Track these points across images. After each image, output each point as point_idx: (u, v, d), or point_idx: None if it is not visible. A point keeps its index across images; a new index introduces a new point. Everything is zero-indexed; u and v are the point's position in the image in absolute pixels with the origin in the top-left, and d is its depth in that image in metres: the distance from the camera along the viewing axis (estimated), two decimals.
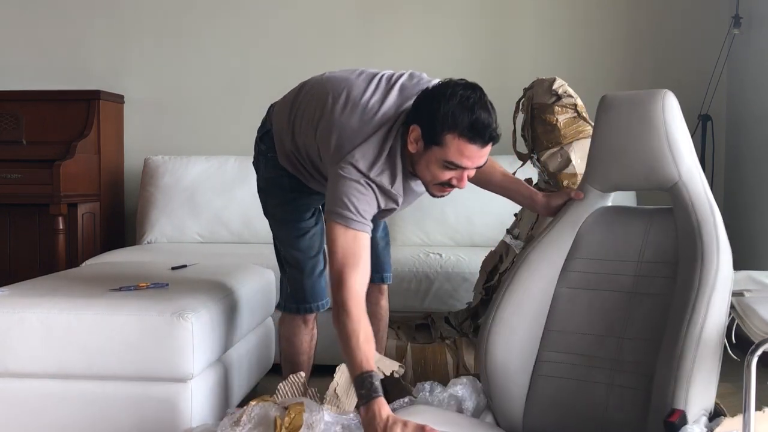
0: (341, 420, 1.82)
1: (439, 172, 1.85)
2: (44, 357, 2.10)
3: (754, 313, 1.70)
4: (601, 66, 4.04)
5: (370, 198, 1.87)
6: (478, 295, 2.67)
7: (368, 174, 1.86)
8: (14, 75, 4.18)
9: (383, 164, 1.88)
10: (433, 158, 1.83)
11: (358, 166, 1.85)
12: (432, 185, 1.92)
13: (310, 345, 2.29)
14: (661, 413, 1.48)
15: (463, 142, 1.78)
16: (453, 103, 1.78)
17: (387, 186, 1.89)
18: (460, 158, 1.80)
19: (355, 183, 1.85)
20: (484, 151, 1.82)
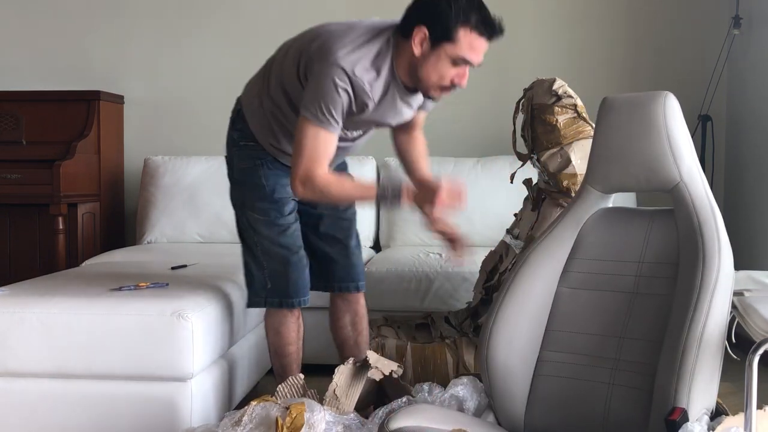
0: (342, 420, 1.83)
1: (447, 70, 1.94)
2: (44, 357, 2.10)
3: (756, 312, 1.70)
4: (601, 66, 4.05)
5: (346, 102, 1.93)
6: (478, 294, 2.67)
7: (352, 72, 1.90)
8: (14, 75, 4.18)
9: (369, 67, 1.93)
10: (443, 55, 1.91)
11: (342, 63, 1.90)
12: (435, 87, 1.99)
13: (298, 335, 2.28)
14: (663, 412, 1.48)
15: (475, 36, 1.90)
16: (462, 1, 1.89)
17: (365, 86, 1.93)
18: (470, 52, 1.92)
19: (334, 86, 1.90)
20: (486, 48, 1.96)
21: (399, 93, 2.04)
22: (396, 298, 3.16)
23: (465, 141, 4.07)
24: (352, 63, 1.91)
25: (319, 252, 2.33)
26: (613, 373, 1.64)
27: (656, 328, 1.61)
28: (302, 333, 2.31)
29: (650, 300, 1.65)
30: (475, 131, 4.09)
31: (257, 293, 2.24)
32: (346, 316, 2.36)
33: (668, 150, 1.67)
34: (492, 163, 3.79)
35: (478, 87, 4.08)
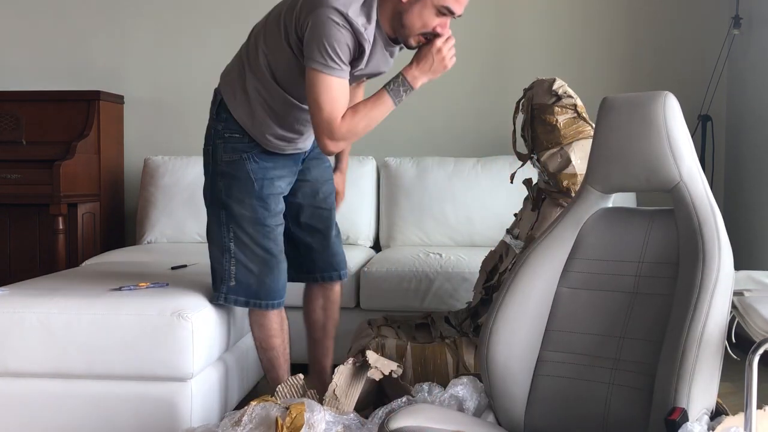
0: (342, 420, 1.83)
1: (431, 19, 2.04)
2: (44, 357, 2.10)
3: (756, 312, 1.70)
4: (601, 66, 4.05)
5: (349, 40, 1.96)
6: (478, 294, 2.67)
7: (347, 13, 1.93)
8: (14, 75, 4.19)
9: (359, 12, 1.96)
10: (429, 4, 2.01)
11: (335, 4, 1.92)
12: (415, 35, 2.06)
13: (282, 327, 2.28)
14: (663, 412, 1.49)
15: None
16: None
17: (361, 29, 1.96)
18: (454, 3, 2.03)
19: (334, 24, 1.93)
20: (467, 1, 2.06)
21: (383, 42, 2.10)
22: (396, 298, 3.16)
23: (465, 141, 4.07)
24: (345, 5, 1.94)
25: (300, 243, 2.35)
26: (613, 373, 1.64)
27: (656, 328, 1.61)
28: (287, 327, 2.31)
29: (650, 300, 1.65)
30: (475, 131, 4.09)
31: (218, 288, 2.23)
32: (320, 299, 2.42)
33: (668, 150, 1.67)
34: (492, 163, 3.80)
35: (478, 87, 4.10)
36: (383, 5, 2.03)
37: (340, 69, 1.96)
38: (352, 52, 1.99)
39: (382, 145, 3.95)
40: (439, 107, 4.11)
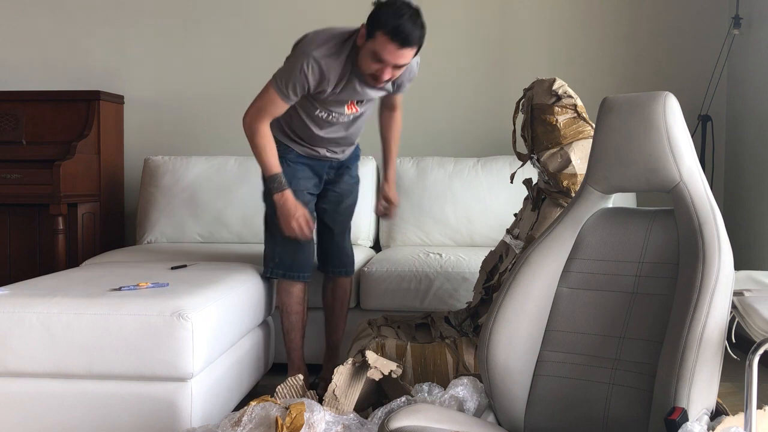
0: (342, 420, 1.83)
1: (369, 63, 2.43)
2: (44, 357, 2.10)
3: (756, 312, 1.70)
4: (601, 67, 4.05)
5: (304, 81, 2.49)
6: (478, 294, 2.67)
7: (313, 53, 2.46)
8: (14, 75, 4.19)
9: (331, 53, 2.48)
10: (368, 50, 2.42)
11: (310, 48, 2.48)
12: (366, 74, 2.49)
13: (303, 300, 2.80)
14: (663, 412, 1.49)
15: (387, 40, 2.35)
16: (389, 10, 2.36)
17: (323, 66, 2.47)
18: (382, 52, 2.38)
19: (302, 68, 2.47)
20: (402, 52, 2.39)
21: (357, 78, 2.55)
22: (396, 298, 3.17)
23: (465, 141, 4.08)
24: (320, 55, 2.46)
25: (320, 240, 2.93)
26: (613, 373, 1.64)
27: (656, 328, 1.61)
28: (306, 302, 2.82)
29: (650, 300, 1.65)
30: (475, 131, 4.09)
31: (267, 265, 2.79)
32: (330, 286, 2.97)
33: (668, 150, 1.67)
34: (492, 163, 3.80)
35: (478, 87, 4.10)
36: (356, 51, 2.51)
37: (286, 95, 2.53)
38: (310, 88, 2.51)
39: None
40: (439, 107, 4.11)
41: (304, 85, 2.49)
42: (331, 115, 2.66)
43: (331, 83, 2.51)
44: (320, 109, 2.64)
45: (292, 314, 2.78)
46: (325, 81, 2.49)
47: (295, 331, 2.79)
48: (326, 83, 2.50)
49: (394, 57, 2.39)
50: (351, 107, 2.67)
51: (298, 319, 2.79)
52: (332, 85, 2.51)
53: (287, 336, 2.80)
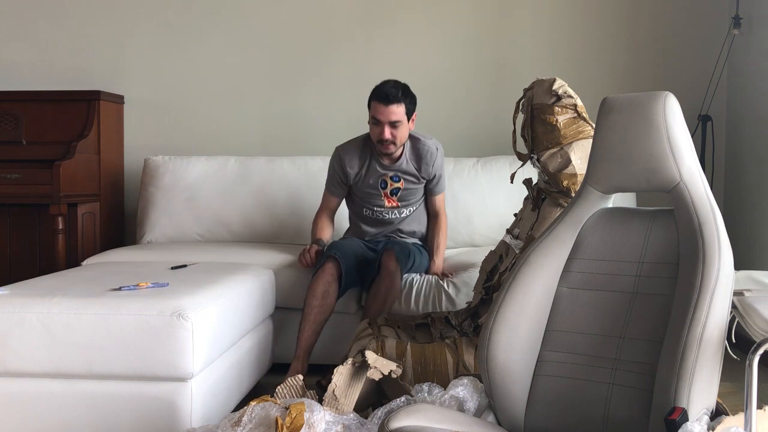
0: (342, 420, 1.83)
1: (372, 128, 3.09)
2: (44, 357, 2.10)
3: (756, 312, 1.70)
4: (601, 66, 4.05)
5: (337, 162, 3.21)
6: (478, 294, 2.67)
7: (340, 150, 3.23)
8: (14, 75, 4.19)
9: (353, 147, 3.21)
10: (370, 120, 3.09)
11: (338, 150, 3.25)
12: (376, 143, 3.11)
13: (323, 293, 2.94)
14: (663, 412, 1.48)
15: (375, 102, 3.05)
16: (378, 85, 3.08)
17: (344, 156, 3.19)
18: (375, 113, 3.05)
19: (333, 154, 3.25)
20: (389, 109, 3.02)
21: (377, 163, 3.17)
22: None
23: (465, 141, 4.08)
24: (343, 145, 3.23)
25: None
26: (613, 372, 1.64)
27: (656, 328, 1.61)
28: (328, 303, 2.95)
29: (650, 300, 1.65)
30: (475, 131, 4.09)
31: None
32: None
33: (668, 150, 1.67)
34: (492, 163, 3.80)
35: (478, 87, 4.10)
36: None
37: (328, 184, 3.26)
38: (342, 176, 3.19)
39: None
40: (439, 107, 4.11)
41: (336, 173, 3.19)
42: (374, 212, 3.21)
43: (354, 166, 3.15)
44: (365, 207, 3.22)
45: (307, 305, 2.92)
46: (347, 164, 3.15)
47: (304, 321, 2.89)
48: (349, 166, 3.15)
49: (385, 114, 3.01)
50: (389, 200, 3.19)
51: (310, 312, 2.89)
52: (356, 167, 3.16)
53: (300, 324, 2.93)
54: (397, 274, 2.97)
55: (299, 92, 4.13)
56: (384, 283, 2.95)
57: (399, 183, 3.17)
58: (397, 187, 3.17)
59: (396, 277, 2.97)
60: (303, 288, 3.12)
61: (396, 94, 3.01)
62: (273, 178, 3.80)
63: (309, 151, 4.06)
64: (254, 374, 2.79)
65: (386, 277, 2.95)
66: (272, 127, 4.16)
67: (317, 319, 2.89)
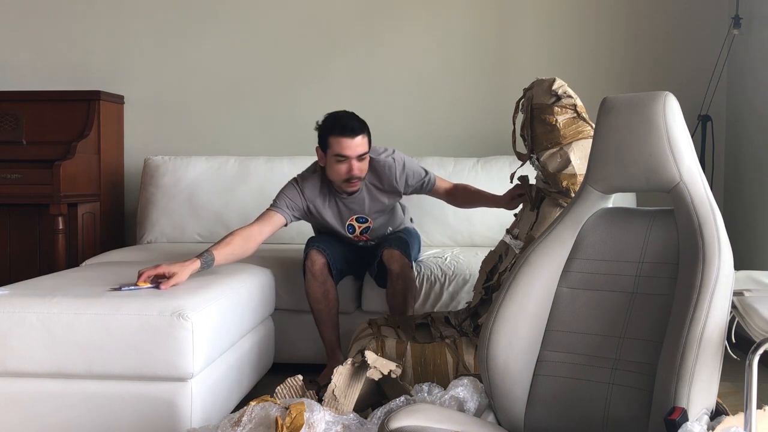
0: (342, 419, 1.83)
1: (337, 167, 2.78)
2: (44, 357, 2.10)
3: (756, 312, 1.70)
4: (601, 66, 4.05)
5: (295, 195, 2.88)
6: (478, 295, 2.67)
7: (299, 181, 2.92)
8: (14, 75, 4.19)
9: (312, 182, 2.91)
10: (330, 159, 2.79)
11: (297, 176, 2.96)
12: (340, 182, 2.83)
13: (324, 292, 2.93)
14: (663, 412, 1.48)
15: (337, 137, 2.74)
16: (328, 120, 2.81)
17: (307, 191, 2.89)
18: (341, 149, 2.74)
19: (291, 183, 2.93)
20: (355, 141, 2.74)
21: (342, 201, 2.93)
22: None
23: (465, 141, 4.08)
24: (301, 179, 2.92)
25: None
26: (613, 372, 1.64)
27: (656, 328, 1.61)
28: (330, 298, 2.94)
29: (650, 300, 1.65)
30: (475, 131, 4.09)
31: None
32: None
33: (668, 150, 1.67)
34: (492, 163, 3.80)
35: (478, 87, 4.10)
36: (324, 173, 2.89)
37: (277, 207, 2.84)
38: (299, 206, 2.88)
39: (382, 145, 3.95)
40: (439, 107, 4.11)
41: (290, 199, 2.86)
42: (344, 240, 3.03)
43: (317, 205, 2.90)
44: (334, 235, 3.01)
45: (314, 310, 2.95)
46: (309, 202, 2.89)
47: (320, 325, 2.95)
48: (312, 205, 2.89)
49: (352, 149, 2.74)
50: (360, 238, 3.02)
51: (319, 315, 2.93)
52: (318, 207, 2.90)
53: (318, 328, 2.98)
54: (406, 271, 2.91)
55: (299, 92, 4.13)
56: (397, 284, 2.91)
57: (367, 223, 3.00)
58: (366, 227, 3.01)
59: (407, 274, 2.92)
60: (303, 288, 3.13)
61: (359, 125, 2.76)
62: (273, 178, 3.80)
63: (309, 151, 4.04)
64: (254, 374, 2.79)
65: (397, 279, 2.90)
66: (272, 127, 4.15)
67: (329, 316, 2.92)
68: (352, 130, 2.73)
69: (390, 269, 2.90)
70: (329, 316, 2.93)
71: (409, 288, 2.95)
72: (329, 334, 2.95)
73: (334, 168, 2.78)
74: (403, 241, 2.99)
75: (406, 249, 2.97)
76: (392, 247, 2.91)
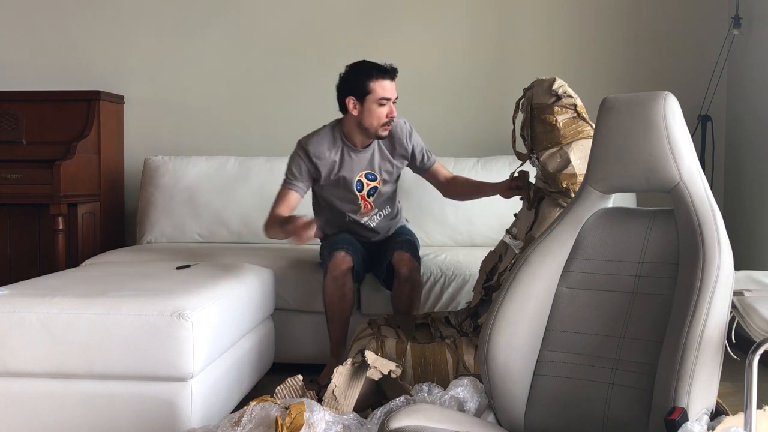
0: (342, 420, 1.83)
1: (379, 110, 2.83)
2: (44, 357, 2.10)
3: (755, 312, 1.70)
4: (601, 66, 4.05)
5: (301, 158, 2.90)
6: (478, 295, 2.67)
7: (303, 144, 2.91)
8: (14, 75, 4.19)
9: (323, 140, 2.91)
10: (370, 104, 2.82)
11: (301, 139, 2.94)
12: (378, 126, 2.85)
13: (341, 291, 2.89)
14: (663, 412, 1.49)
15: (380, 81, 2.81)
16: (362, 66, 2.86)
17: (311, 147, 2.89)
18: (385, 92, 2.81)
19: (295, 150, 2.93)
20: (394, 84, 2.85)
21: (352, 152, 2.92)
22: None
23: (465, 141, 4.08)
24: (306, 140, 2.92)
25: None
26: (613, 372, 1.64)
27: (656, 328, 1.61)
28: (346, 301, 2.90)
29: (650, 300, 1.65)
30: (475, 131, 4.09)
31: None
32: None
33: (668, 150, 1.67)
34: (492, 163, 3.79)
35: (478, 87, 4.10)
36: (346, 125, 2.91)
37: (289, 182, 2.90)
38: (306, 170, 2.89)
39: None
40: (439, 107, 4.11)
41: (302, 167, 2.87)
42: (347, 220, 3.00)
43: (325, 162, 2.88)
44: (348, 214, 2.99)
45: (328, 310, 2.91)
46: (316, 160, 2.87)
47: (330, 324, 2.92)
48: (320, 163, 2.88)
49: (392, 91, 2.84)
50: (366, 204, 3.00)
51: (332, 316, 2.90)
52: (327, 164, 2.89)
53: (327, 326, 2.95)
54: (415, 275, 2.92)
55: (299, 92, 4.13)
56: (405, 287, 2.90)
57: (375, 182, 2.98)
58: (374, 187, 2.98)
59: (415, 279, 2.92)
60: (303, 288, 3.13)
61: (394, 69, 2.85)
62: (273, 178, 3.79)
63: None
64: (254, 374, 2.79)
65: (405, 282, 2.89)
66: (272, 127, 4.15)
67: (341, 319, 2.90)
68: (392, 71, 2.84)
69: (399, 272, 2.89)
70: (341, 319, 2.90)
71: (416, 292, 2.95)
72: (337, 334, 2.93)
73: (375, 112, 2.82)
74: (413, 244, 3.00)
75: (416, 252, 2.98)
76: (402, 250, 2.90)
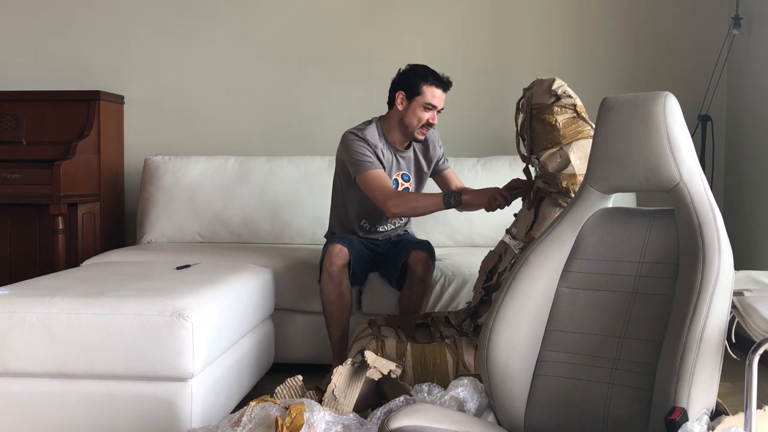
0: (342, 420, 1.83)
1: (421, 114, 2.90)
2: (44, 357, 2.10)
3: (756, 312, 1.70)
4: (601, 66, 4.05)
5: (365, 144, 2.90)
6: (478, 295, 2.67)
7: (358, 133, 2.92)
8: (14, 75, 4.19)
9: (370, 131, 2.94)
10: (416, 105, 2.90)
11: (352, 130, 2.95)
12: (417, 129, 2.92)
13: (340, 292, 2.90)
14: (663, 412, 1.49)
15: (432, 87, 2.89)
16: (419, 69, 2.93)
17: (369, 137, 2.91)
18: (432, 99, 2.89)
19: (353, 138, 2.91)
20: (444, 96, 2.94)
21: (394, 152, 2.99)
22: (396, 298, 3.16)
23: (465, 141, 4.08)
24: (359, 131, 2.93)
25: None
26: (613, 372, 1.64)
27: (656, 328, 1.61)
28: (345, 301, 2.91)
29: (650, 300, 1.65)
30: (475, 131, 4.09)
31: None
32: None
33: (668, 150, 1.67)
34: (492, 163, 3.80)
35: (478, 87, 4.10)
36: (388, 121, 2.98)
37: (372, 163, 2.86)
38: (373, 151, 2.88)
39: None
40: None
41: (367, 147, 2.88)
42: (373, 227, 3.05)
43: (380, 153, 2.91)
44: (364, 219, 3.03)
45: (327, 311, 2.92)
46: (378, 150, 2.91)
47: (330, 326, 2.92)
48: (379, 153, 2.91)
49: (440, 100, 2.92)
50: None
51: (331, 317, 2.90)
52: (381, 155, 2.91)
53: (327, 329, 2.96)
54: (428, 277, 2.93)
55: (299, 92, 4.13)
56: (417, 287, 2.91)
57: (408, 183, 3.05)
58: (406, 188, 3.04)
59: (428, 280, 2.93)
60: (303, 288, 3.13)
61: (449, 81, 2.93)
62: (273, 178, 3.80)
63: (309, 151, 4.05)
64: (254, 374, 2.79)
65: (419, 282, 2.90)
66: (272, 127, 4.15)
67: (340, 319, 2.90)
68: (446, 83, 2.92)
69: (414, 271, 2.89)
70: (340, 319, 2.91)
71: (426, 293, 2.96)
72: (337, 335, 2.93)
73: (416, 113, 2.90)
74: (430, 246, 3.01)
75: (433, 254, 2.99)
76: (420, 249, 2.92)
